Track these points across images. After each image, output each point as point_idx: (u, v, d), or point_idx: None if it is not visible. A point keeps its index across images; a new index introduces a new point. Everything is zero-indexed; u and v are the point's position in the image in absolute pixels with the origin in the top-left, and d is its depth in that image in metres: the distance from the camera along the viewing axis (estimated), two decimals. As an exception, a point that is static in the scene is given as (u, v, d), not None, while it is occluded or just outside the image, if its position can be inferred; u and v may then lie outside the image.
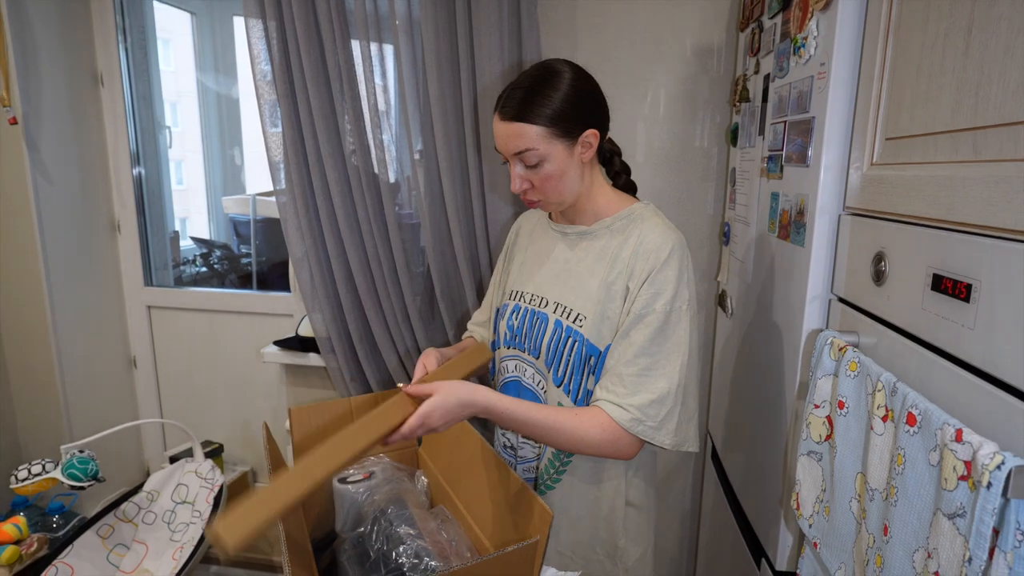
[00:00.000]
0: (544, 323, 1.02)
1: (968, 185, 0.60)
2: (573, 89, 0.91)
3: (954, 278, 0.61)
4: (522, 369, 1.07)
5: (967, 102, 0.61)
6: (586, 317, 0.96)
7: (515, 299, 1.10)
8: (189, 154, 2.92)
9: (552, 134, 0.91)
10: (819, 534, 0.78)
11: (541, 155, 0.91)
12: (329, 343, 1.65)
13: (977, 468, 0.48)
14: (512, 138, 0.92)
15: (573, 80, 0.92)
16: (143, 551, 1.68)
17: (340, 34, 1.48)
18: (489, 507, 1.06)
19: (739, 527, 1.21)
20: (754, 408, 1.16)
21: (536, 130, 0.90)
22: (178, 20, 2.84)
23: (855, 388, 0.71)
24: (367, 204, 1.55)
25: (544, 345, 1.01)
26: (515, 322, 1.08)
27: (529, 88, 0.91)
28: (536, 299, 1.05)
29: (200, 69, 2.95)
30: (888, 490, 0.61)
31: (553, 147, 0.91)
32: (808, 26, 0.91)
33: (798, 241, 0.96)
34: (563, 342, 0.98)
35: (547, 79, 0.91)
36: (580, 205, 1.00)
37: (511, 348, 1.09)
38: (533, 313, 1.05)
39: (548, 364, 1.01)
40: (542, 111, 0.90)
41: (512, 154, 0.94)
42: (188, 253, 2.79)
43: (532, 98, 0.90)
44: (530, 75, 0.93)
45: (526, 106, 0.90)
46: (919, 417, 0.57)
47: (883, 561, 0.61)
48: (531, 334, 1.04)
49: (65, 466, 1.52)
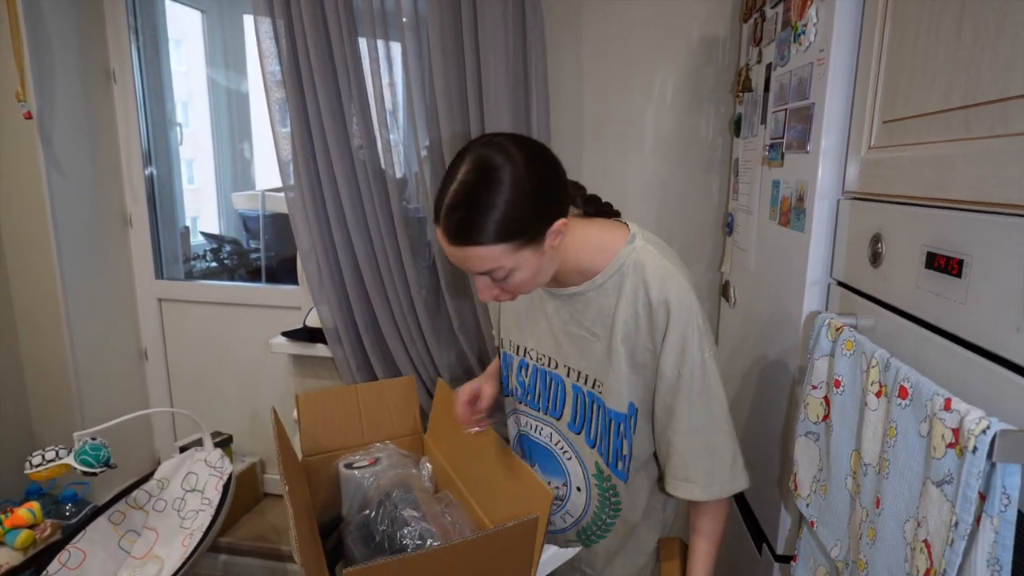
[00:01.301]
0: (561, 387, 0.97)
1: (960, 163, 0.60)
2: (521, 189, 0.74)
3: (947, 255, 0.62)
4: (537, 428, 1.04)
5: (960, 82, 0.61)
6: (603, 384, 0.90)
7: (519, 353, 1.02)
8: (200, 153, 2.96)
9: (512, 247, 0.75)
10: (816, 512, 0.79)
11: (508, 269, 0.77)
12: (336, 334, 1.68)
13: (964, 434, 0.49)
14: (467, 262, 0.77)
15: (520, 176, 0.74)
16: (153, 537, 1.71)
17: (348, 31, 1.50)
18: (492, 491, 1.08)
19: (741, 515, 1.22)
20: (756, 397, 1.17)
21: (492, 250, 0.75)
22: (189, 19, 2.88)
23: (851, 367, 0.72)
24: (374, 199, 1.57)
25: (568, 410, 0.97)
26: (526, 379, 1.02)
27: (469, 206, 0.73)
28: (543, 358, 0.98)
29: (210, 67, 2.98)
30: (880, 464, 0.62)
31: (519, 256, 0.76)
32: (808, 13, 0.92)
33: (798, 227, 0.96)
34: (589, 407, 0.94)
35: (487, 185, 0.73)
36: (563, 270, 0.87)
37: (523, 404, 1.05)
38: (545, 374, 0.98)
39: (576, 428, 0.97)
40: (491, 229, 0.73)
41: (473, 273, 0.80)
42: (198, 248, 2.82)
43: (474, 218, 0.73)
44: (465, 184, 0.74)
45: (471, 228, 0.73)
46: (911, 390, 0.58)
47: (875, 533, 0.62)
48: (547, 395, 0.99)
49: (78, 453, 1.54)
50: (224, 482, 1.74)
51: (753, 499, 1.17)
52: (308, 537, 0.96)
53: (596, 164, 1.62)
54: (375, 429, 1.33)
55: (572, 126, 1.60)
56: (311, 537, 1.01)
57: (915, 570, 0.54)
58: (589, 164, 1.62)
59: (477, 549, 0.81)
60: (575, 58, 1.58)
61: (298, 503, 0.96)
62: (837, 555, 0.73)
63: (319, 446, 1.29)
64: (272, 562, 2.09)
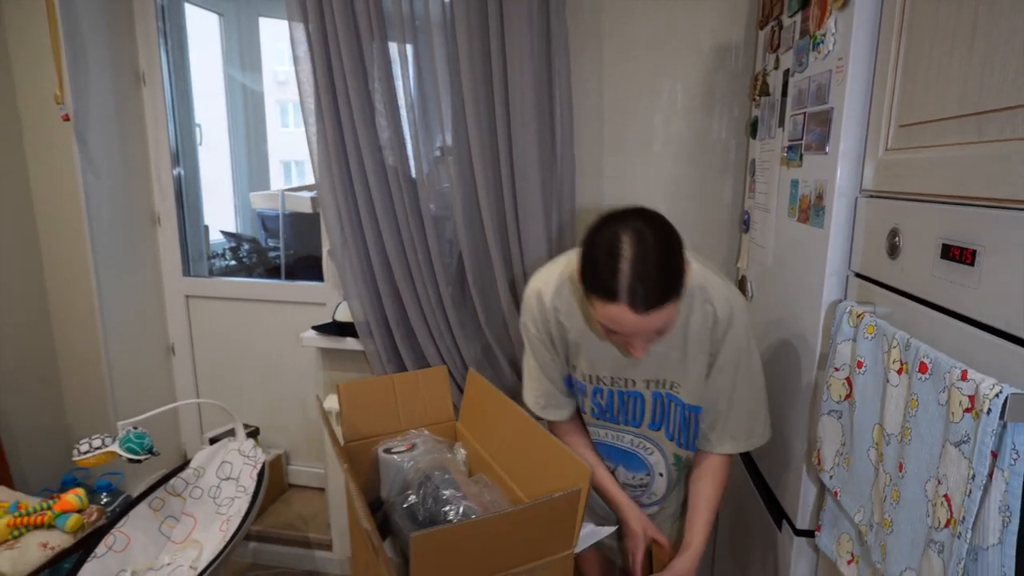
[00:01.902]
0: (640, 400, 1.10)
1: (973, 163, 0.68)
2: (668, 246, 0.85)
3: (961, 246, 0.69)
4: (617, 437, 1.18)
5: (973, 90, 0.69)
6: (680, 385, 1.06)
7: (592, 382, 1.11)
8: (214, 152, 3.02)
9: (678, 297, 0.86)
10: (839, 483, 0.86)
11: (674, 319, 0.89)
12: (367, 327, 1.75)
13: (979, 399, 0.56)
14: (656, 322, 0.85)
15: (665, 238, 0.85)
16: (191, 523, 1.78)
17: (378, 35, 1.57)
18: (529, 469, 1.15)
19: (760, 497, 1.29)
20: (774, 384, 1.24)
21: (676, 306, 0.86)
22: (206, 21, 2.95)
23: (872, 348, 0.79)
24: (404, 198, 1.64)
25: (648, 415, 1.12)
26: (602, 402, 1.13)
27: (658, 272, 0.82)
28: (619, 381, 1.08)
29: (227, 69, 3.05)
30: (903, 432, 0.69)
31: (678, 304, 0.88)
32: (827, 24, 0.99)
33: (817, 223, 1.04)
34: (667, 406, 1.10)
35: (660, 251, 0.83)
36: None
37: (600, 420, 1.17)
38: (623, 394, 1.10)
39: (656, 427, 1.13)
40: (676, 285, 0.84)
41: (653, 333, 0.89)
42: (217, 247, 2.89)
43: (666, 280, 0.83)
44: (643, 257, 0.82)
45: (665, 290, 0.83)
46: (930, 365, 0.65)
47: (899, 495, 0.69)
48: (626, 410, 1.12)
49: (123, 440, 1.61)
50: (258, 470, 1.81)
51: (773, 480, 1.25)
52: (365, 509, 1.04)
53: (616, 165, 1.69)
54: (411, 416, 1.40)
55: (593, 128, 1.68)
56: (366, 511, 1.08)
57: (937, 522, 0.62)
58: (609, 165, 1.69)
59: (528, 516, 0.88)
60: (596, 64, 1.65)
61: (357, 479, 1.03)
62: (860, 520, 0.80)
63: (359, 432, 1.35)
64: (300, 549, 2.16)
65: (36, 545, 1.55)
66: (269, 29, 3.08)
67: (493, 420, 1.30)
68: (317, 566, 2.16)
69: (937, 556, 0.61)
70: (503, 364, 1.72)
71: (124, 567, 1.61)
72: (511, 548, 0.88)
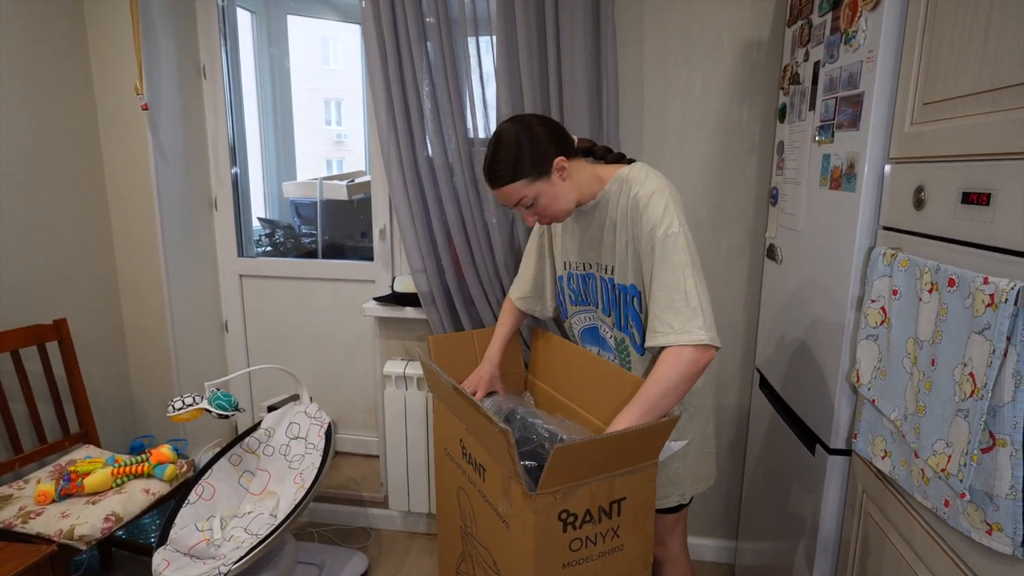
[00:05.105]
0: (594, 281, 1.35)
1: (988, 127, 0.88)
2: (519, 142, 1.15)
3: (978, 192, 0.89)
4: (588, 319, 1.43)
5: (987, 72, 0.89)
6: (613, 267, 1.27)
7: (565, 268, 1.43)
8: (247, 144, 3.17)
9: (527, 181, 1.16)
10: (877, 392, 1.07)
11: (532, 197, 1.18)
12: (431, 297, 1.93)
13: (999, 293, 0.76)
14: (505, 197, 1.19)
15: (516, 136, 1.15)
16: (267, 477, 1.95)
17: (445, 33, 1.76)
18: (596, 396, 1.33)
19: (790, 428, 1.50)
20: (807, 329, 1.45)
21: (515, 186, 1.16)
22: (241, 18, 3.09)
23: (906, 278, 1.00)
24: (464, 180, 1.83)
25: (600, 299, 1.34)
26: (574, 285, 1.42)
27: (492, 159, 1.17)
28: (580, 265, 1.37)
29: (258, 64, 3.20)
30: (934, 335, 0.90)
31: (535, 187, 1.17)
32: (858, 22, 1.19)
33: (849, 188, 1.24)
34: (610, 290, 1.31)
35: (499, 145, 1.16)
36: (581, 199, 1.26)
37: (578, 306, 1.44)
38: (583, 277, 1.38)
39: (606, 312, 1.34)
40: (509, 171, 1.15)
41: (512, 206, 1.21)
42: (253, 233, 3.05)
43: (497, 166, 1.16)
44: (490, 147, 1.19)
45: (497, 173, 1.16)
46: (957, 279, 0.86)
47: (931, 384, 0.89)
48: (587, 293, 1.38)
49: (212, 398, 1.78)
50: (324, 429, 1.98)
51: (804, 410, 1.45)
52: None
53: (655, 146, 1.89)
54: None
55: (635, 113, 1.88)
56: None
57: (963, 394, 0.82)
58: (649, 145, 1.89)
59: (637, 434, 1.05)
60: (638, 57, 1.85)
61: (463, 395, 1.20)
62: (896, 415, 1.01)
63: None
64: (354, 507, 2.33)
65: (140, 491, 1.72)
66: (297, 27, 3.24)
67: (559, 365, 1.49)
68: (371, 522, 2.33)
69: (963, 420, 0.82)
70: (552, 326, 1.91)
71: (213, 513, 1.77)
72: (616, 458, 1.06)
